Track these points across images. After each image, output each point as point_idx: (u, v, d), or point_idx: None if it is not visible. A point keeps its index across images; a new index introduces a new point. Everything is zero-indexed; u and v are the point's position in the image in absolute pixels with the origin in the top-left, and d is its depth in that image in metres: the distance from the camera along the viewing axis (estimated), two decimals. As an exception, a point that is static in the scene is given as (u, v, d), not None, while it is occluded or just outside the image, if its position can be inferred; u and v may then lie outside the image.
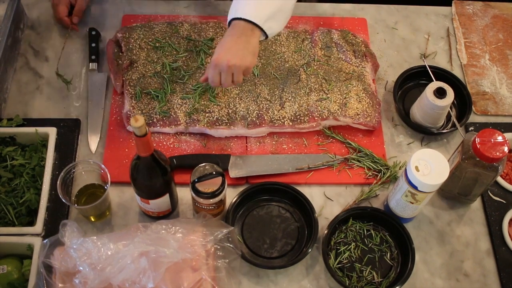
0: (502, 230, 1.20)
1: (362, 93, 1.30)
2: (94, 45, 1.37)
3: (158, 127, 1.25)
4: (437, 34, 1.50)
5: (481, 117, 1.37)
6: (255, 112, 1.26)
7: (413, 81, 1.40)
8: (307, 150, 1.27)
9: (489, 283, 1.16)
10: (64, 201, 1.09)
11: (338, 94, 1.30)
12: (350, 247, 1.16)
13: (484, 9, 1.55)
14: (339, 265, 1.14)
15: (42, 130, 1.21)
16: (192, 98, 1.27)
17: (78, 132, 1.26)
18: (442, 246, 1.19)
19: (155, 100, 1.27)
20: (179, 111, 1.26)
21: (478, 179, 1.14)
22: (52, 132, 1.21)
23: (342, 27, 1.45)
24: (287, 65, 1.34)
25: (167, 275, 1.00)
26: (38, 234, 1.11)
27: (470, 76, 1.42)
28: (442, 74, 1.38)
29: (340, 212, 1.18)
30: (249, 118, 1.26)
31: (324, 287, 1.13)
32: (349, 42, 1.39)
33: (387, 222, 1.18)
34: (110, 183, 1.10)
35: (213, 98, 1.27)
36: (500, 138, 1.08)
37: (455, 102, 1.36)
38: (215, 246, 1.06)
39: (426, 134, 1.32)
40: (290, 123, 1.26)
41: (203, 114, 1.25)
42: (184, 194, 1.19)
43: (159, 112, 1.25)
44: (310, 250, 1.12)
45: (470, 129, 1.33)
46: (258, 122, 1.26)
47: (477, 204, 1.24)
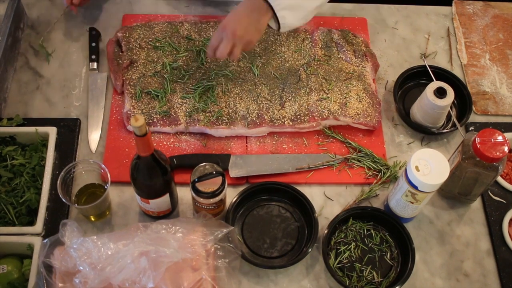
0: (502, 230, 1.20)
1: (362, 92, 1.30)
2: (94, 44, 1.37)
3: (158, 127, 1.25)
4: (437, 34, 1.50)
5: (481, 117, 1.37)
6: (255, 111, 1.26)
7: (413, 81, 1.40)
8: (307, 150, 1.27)
9: (489, 283, 1.16)
10: (64, 200, 1.09)
11: (338, 94, 1.30)
12: (350, 247, 1.16)
13: (484, 9, 1.55)
14: (339, 265, 1.14)
15: (42, 129, 1.21)
16: (192, 97, 1.27)
17: (78, 131, 1.26)
18: (442, 246, 1.19)
19: (155, 99, 1.27)
20: (179, 111, 1.26)
21: (478, 179, 1.14)
22: (52, 131, 1.21)
23: (342, 27, 1.45)
24: (287, 64, 1.34)
25: (167, 275, 1.00)
26: (38, 234, 1.11)
27: (470, 76, 1.42)
28: (442, 74, 1.38)
29: (340, 212, 1.18)
30: (249, 118, 1.26)
31: (324, 287, 1.13)
32: (349, 41, 1.39)
33: (387, 222, 1.18)
34: (110, 183, 1.10)
35: (213, 97, 1.27)
36: (500, 138, 1.08)
37: (455, 102, 1.36)
38: (215, 246, 1.06)
39: (426, 134, 1.32)
40: (290, 123, 1.26)
41: (203, 113, 1.25)
42: (184, 194, 1.19)
43: (159, 111, 1.25)
44: (310, 250, 1.12)
45: (470, 129, 1.33)
46: (258, 121, 1.26)
47: (477, 204, 1.24)
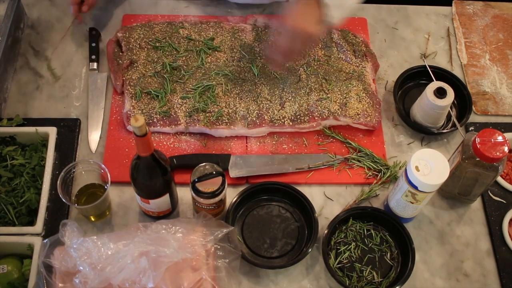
0: (502, 230, 1.20)
1: (362, 93, 1.30)
2: (94, 44, 1.37)
3: (158, 127, 1.25)
4: (437, 34, 1.50)
5: (481, 117, 1.37)
6: (255, 112, 1.26)
7: (413, 81, 1.40)
8: (307, 150, 1.27)
9: (489, 283, 1.16)
10: (64, 200, 1.09)
11: (338, 94, 1.30)
12: (350, 247, 1.16)
13: (484, 9, 1.55)
14: (339, 265, 1.14)
15: (42, 129, 1.21)
16: (192, 97, 1.27)
17: (78, 131, 1.26)
18: (442, 246, 1.19)
19: (155, 99, 1.27)
20: (179, 111, 1.26)
21: (478, 179, 1.14)
22: (52, 131, 1.21)
23: (342, 27, 1.44)
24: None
25: (167, 275, 1.00)
26: (38, 234, 1.11)
27: (470, 76, 1.42)
28: (442, 74, 1.38)
29: (340, 212, 1.18)
30: (249, 118, 1.26)
31: (324, 287, 1.13)
32: (349, 42, 1.39)
33: (387, 222, 1.18)
34: (110, 183, 1.10)
35: (213, 97, 1.27)
36: (500, 138, 1.08)
37: (455, 102, 1.36)
38: (215, 246, 1.06)
39: (426, 134, 1.32)
40: (290, 123, 1.26)
41: (203, 113, 1.25)
42: (184, 194, 1.19)
43: (159, 112, 1.25)
44: (310, 250, 1.12)
45: (470, 129, 1.33)
46: (258, 122, 1.26)
47: (477, 204, 1.24)
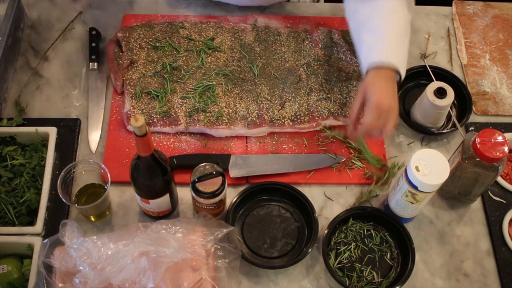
0: (502, 230, 1.20)
1: (362, 93, 1.30)
2: (94, 44, 1.37)
3: (158, 127, 1.25)
4: (437, 34, 1.50)
5: (481, 117, 1.37)
6: (255, 112, 1.26)
7: (413, 81, 1.40)
8: (307, 150, 1.27)
9: (489, 283, 1.16)
10: (64, 200, 1.09)
11: (338, 94, 1.30)
12: (350, 247, 1.16)
13: (484, 9, 1.55)
14: (339, 265, 1.14)
15: (42, 129, 1.21)
16: (192, 98, 1.27)
17: (78, 131, 1.26)
18: (442, 246, 1.19)
19: (155, 99, 1.27)
20: (179, 111, 1.26)
21: (478, 179, 1.14)
22: (52, 131, 1.21)
23: (342, 27, 1.44)
24: (287, 65, 1.34)
25: (167, 275, 1.00)
26: (38, 234, 1.11)
27: (471, 76, 1.42)
28: (442, 74, 1.38)
29: (340, 212, 1.18)
30: (249, 118, 1.26)
31: (324, 287, 1.13)
32: (349, 42, 1.38)
33: (387, 222, 1.18)
34: (110, 183, 1.10)
35: (213, 98, 1.27)
36: (500, 138, 1.08)
37: (455, 102, 1.36)
38: (215, 246, 1.06)
39: (426, 134, 1.32)
40: (290, 123, 1.26)
41: (203, 113, 1.25)
42: (184, 194, 1.19)
43: (159, 111, 1.25)
44: (310, 250, 1.12)
45: (470, 129, 1.33)
46: (258, 122, 1.26)
47: (477, 204, 1.24)
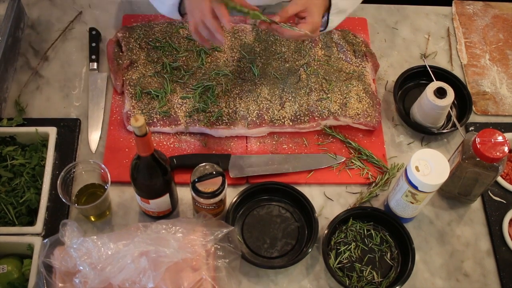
0: (502, 230, 1.20)
1: (362, 93, 1.30)
2: (94, 44, 1.37)
3: (158, 127, 1.25)
4: (437, 34, 1.50)
5: (481, 117, 1.37)
6: (255, 112, 1.26)
7: (413, 81, 1.40)
8: (307, 150, 1.27)
9: (489, 283, 1.16)
10: (64, 200, 1.09)
11: (338, 94, 1.30)
12: (350, 247, 1.16)
13: (484, 9, 1.55)
14: (339, 265, 1.14)
15: (42, 129, 1.21)
16: (192, 98, 1.27)
17: (78, 131, 1.26)
18: (442, 246, 1.19)
19: (155, 99, 1.27)
20: (179, 111, 1.26)
21: (478, 179, 1.14)
22: (52, 131, 1.21)
23: (342, 27, 1.44)
24: (287, 65, 1.34)
25: (167, 275, 1.00)
26: (38, 234, 1.11)
27: (470, 76, 1.42)
28: (442, 74, 1.38)
29: (340, 212, 1.18)
30: (249, 118, 1.26)
31: (324, 287, 1.13)
32: (349, 42, 1.38)
33: (387, 222, 1.18)
34: (110, 183, 1.10)
35: (213, 98, 1.27)
36: (500, 138, 1.08)
37: (455, 102, 1.36)
38: (215, 246, 1.06)
39: (426, 134, 1.32)
40: (290, 123, 1.26)
41: (203, 114, 1.25)
42: (184, 194, 1.19)
43: (159, 112, 1.25)
44: (310, 250, 1.12)
45: (470, 129, 1.33)
46: (258, 122, 1.26)
47: (477, 204, 1.24)
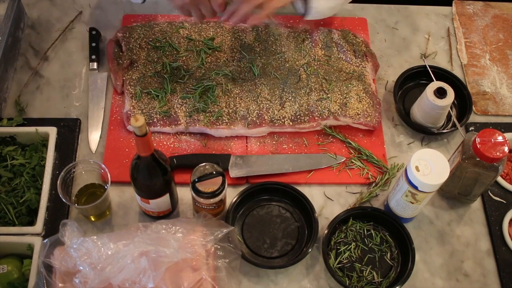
0: (502, 230, 1.20)
1: (363, 93, 1.30)
2: (94, 44, 1.37)
3: (158, 127, 1.25)
4: (437, 34, 1.50)
5: (481, 117, 1.37)
6: (255, 112, 1.26)
7: (413, 81, 1.40)
8: (307, 150, 1.27)
9: (489, 283, 1.16)
10: (64, 200, 1.09)
11: (339, 94, 1.30)
12: (350, 247, 1.16)
13: (484, 9, 1.55)
14: (339, 265, 1.14)
15: (42, 129, 1.21)
16: (192, 97, 1.27)
17: (78, 131, 1.26)
18: (442, 246, 1.19)
19: (155, 99, 1.27)
20: (180, 111, 1.26)
21: (478, 179, 1.14)
22: (52, 131, 1.21)
23: (343, 27, 1.45)
24: (287, 65, 1.34)
25: (167, 275, 1.00)
26: (38, 234, 1.11)
27: (471, 76, 1.42)
28: (443, 74, 1.38)
29: (340, 212, 1.18)
30: (249, 118, 1.26)
31: (324, 287, 1.13)
32: (349, 42, 1.38)
33: (387, 222, 1.18)
34: (110, 183, 1.10)
35: (213, 97, 1.27)
36: (500, 138, 1.08)
37: (456, 102, 1.36)
38: (215, 246, 1.06)
39: (426, 134, 1.32)
40: (290, 123, 1.26)
41: (203, 113, 1.25)
42: (184, 194, 1.19)
43: (159, 111, 1.25)
44: (310, 250, 1.12)
45: (470, 129, 1.33)
46: (258, 122, 1.26)
47: (477, 204, 1.24)
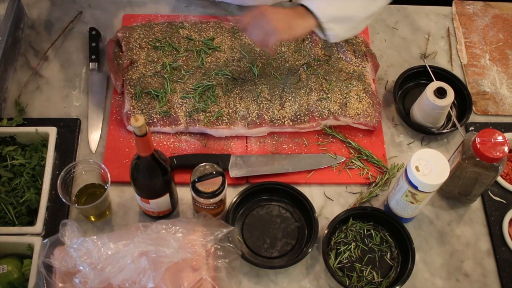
0: (502, 230, 1.20)
1: (362, 93, 1.30)
2: (94, 44, 1.37)
3: (158, 127, 1.25)
4: (437, 34, 1.50)
5: (481, 117, 1.37)
6: (255, 111, 1.26)
7: (413, 81, 1.40)
8: (307, 150, 1.27)
9: (489, 283, 1.16)
10: (64, 200, 1.09)
11: (338, 94, 1.30)
12: (350, 247, 1.16)
13: (484, 9, 1.55)
14: (339, 265, 1.14)
15: (42, 129, 1.21)
16: (192, 97, 1.27)
17: (78, 131, 1.26)
18: (442, 246, 1.19)
19: (155, 99, 1.27)
20: (179, 111, 1.26)
21: (478, 179, 1.14)
22: (52, 131, 1.21)
23: (342, 27, 1.45)
24: (287, 65, 1.34)
25: (167, 275, 1.00)
26: (38, 234, 1.11)
27: (471, 76, 1.42)
28: (442, 74, 1.38)
29: (340, 212, 1.18)
30: (249, 118, 1.26)
31: (324, 287, 1.13)
32: (349, 42, 1.38)
33: (387, 222, 1.18)
34: (110, 183, 1.10)
35: (213, 97, 1.27)
36: (500, 138, 1.08)
37: (456, 102, 1.36)
38: (215, 246, 1.06)
39: (426, 134, 1.32)
40: (290, 123, 1.26)
41: (203, 113, 1.25)
42: (184, 194, 1.19)
43: (159, 111, 1.25)
44: (310, 250, 1.12)
45: (470, 129, 1.33)
46: (258, 122, 1.26)
47: (477, 204, 1.24)
